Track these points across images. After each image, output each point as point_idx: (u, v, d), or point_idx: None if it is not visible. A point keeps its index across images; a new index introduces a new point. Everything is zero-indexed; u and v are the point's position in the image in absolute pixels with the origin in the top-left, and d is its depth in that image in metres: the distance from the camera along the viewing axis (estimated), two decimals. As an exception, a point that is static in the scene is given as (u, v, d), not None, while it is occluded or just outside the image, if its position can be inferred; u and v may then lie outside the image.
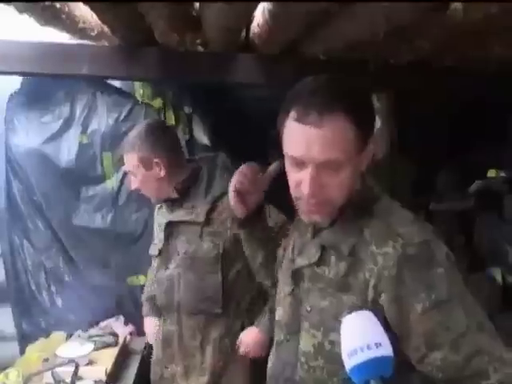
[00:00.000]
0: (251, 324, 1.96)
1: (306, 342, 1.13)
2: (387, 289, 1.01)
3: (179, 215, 1.96)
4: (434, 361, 0.99)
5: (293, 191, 1.10)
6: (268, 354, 1.33)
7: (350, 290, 1.06)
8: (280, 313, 1.26)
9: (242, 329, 1.97)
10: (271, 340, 1.34)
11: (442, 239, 1.06)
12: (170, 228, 1.98)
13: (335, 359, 1.05)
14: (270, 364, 1.30)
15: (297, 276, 1.20)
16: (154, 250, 2.10)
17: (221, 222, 1.91)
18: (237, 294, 1.95)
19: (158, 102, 3.13)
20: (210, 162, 2.04)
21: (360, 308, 1.03)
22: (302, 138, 1.03)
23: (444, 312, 0.98)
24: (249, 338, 1.93)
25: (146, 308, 2.26)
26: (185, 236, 1.96)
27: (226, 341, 1.96)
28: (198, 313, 1.95)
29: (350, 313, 1.02)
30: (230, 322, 1.96)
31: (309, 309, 1.13)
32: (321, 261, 1.13)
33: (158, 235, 2.07)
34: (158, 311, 2.13)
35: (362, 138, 1.06)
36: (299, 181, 1.06)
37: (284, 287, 1.26)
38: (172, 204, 2.00)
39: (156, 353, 2.10)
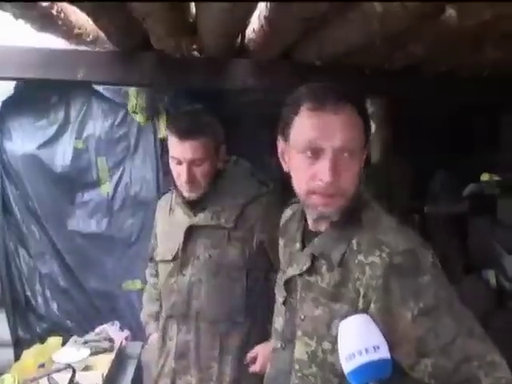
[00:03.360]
0: (269, 335, 1.88)
1: (300, 350, 1.14)
2: (376, 298, 1.02)
3: (204, 219, 1.84)
4: (425, 367, 0.99)
5: (306, 186, 1.08)
6: None
7: (342, 300, 1.07)
8: (278, 321, 1.26)
9: (261, 340, 1.85)
10: None
11: (428, 247, 1.07)
12: (190, 231, 1.86)
13: (328, 367, 1.07)
14: (267, 371, 1.31)
15: (289, 285, 1.20)
16: (163, 254, 1.95)
17: (247, 228, 1.84)
18: (256, 303, 1.86)
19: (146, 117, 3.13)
20: (232, 166, 1.95)
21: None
22: (319, 124, 1.05)
23: (433, 319, 0.98)
24: (266, 350, 1.76)
25: (152, 325, 2.09)
26: (208, 240, 1.84)
27: (246, 351, 1.86)
28: (219, 321, 1.85)
29: (347, 317, 1.03)
30: (250, 332, 1.87)
31: (302, 317, 1.14)
32: (312, 270, 1.13)
33: (169, 239, 1.93)
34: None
35: (365, 135, 1.10)
36: (315, 173, 1.06)
37: (279, 297, 1.27)
38: (192, 205, 1.87)
39: (166, 364, 1.94)
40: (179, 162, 1.78)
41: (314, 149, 1.05)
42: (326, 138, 1.04)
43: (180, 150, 1.76)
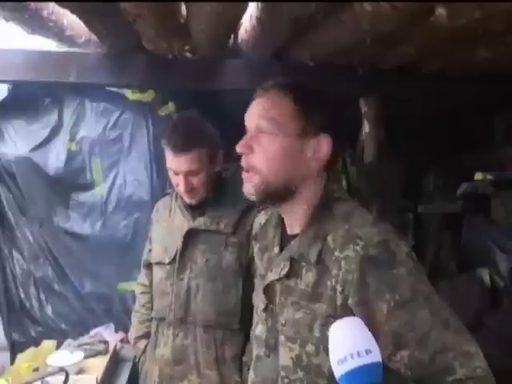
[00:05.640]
0: None
1: (284, 356, 1.13)
2: (352, 292, 1.01)
3: (203, 223, 1.86)
4: (402, 359, 1.00)
5: None
6: None
7: (321, 299, 1.06)
8: (258, 328, 1.25)
9: None
10: None
11: (404, 238, 1.08)
12: (189, 235, 1.87)
13: (314, 370, 1.07)
14: (250, 379, 1.29)
15: (269, 291, 1.19)
16: (160, 257, 1.95)
17: (244, 234, 1.84)
18: (252, 310, 1.87)
19: (150, 95, 3.10)
20: (233, 174, 1.92)
21: (333, 315, 1.03)
22: (249, 109, 1.17)
23: (409, 311, 0.99)
24: None
25: (143, 343, 2.09)
26: (206, 245, 1.86)
27: (243, 359, 1.86)
28: (215, 326, 1.85)
29: (324, 319, 1.04)
30: (246, 339, 1.83)
31: (283, 322, 1.13)
32: (291, 273, 1.12)
33: (167, 241, 1.94)
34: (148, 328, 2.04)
35: (303, 120, 1.11)
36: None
37: (259, 303, 1.25)
38: (192, 210, 1.90)
39: (162, 371, 1.92)
40: (176, 173, 1.81)
41: (245, 127, 1.16)
42: (247, 119, 1.15)
43: (175, 163, 1.79)
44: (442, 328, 0.99)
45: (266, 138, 1.11)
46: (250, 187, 1.15)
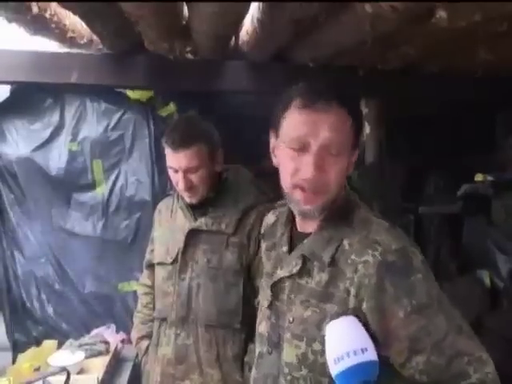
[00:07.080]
0: None
1: (288, 353, 1.14)
2: (369, 297, 1.03)
3: (205, 223, 1.87)
4: (417, 365, 1.01)
5: (289, 180, 1.10)
6: None
7: (332, 300, 1.07)
8: (262, 325, 1.26)
9: None
10: None
11: (416, 245, 1.09)
12: (190, 235, 1.89)
13: (318, 368, 1.08)
14: (252, 375, 1.31)
15: (276, 288, 1.20)
16: (162, 257, 1.96)
17: (246, 234, 1.86)
18: (254, 309, 1.78)
19: (150, 93, 3.11)
20: (234, 174, 1.97)
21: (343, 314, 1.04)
22: (308, 120, 1.07)
23: (425, 317, 1.00)
24: None
25: (146, 343, 2.09)
26: (208, 245, 1.87)
27: (245, 359, 1.87)
28: (216, 326, 1.86)
29: (334, 319, 1.04)
30: (248, 339, 1.85)
31: (291, 319, 1.14)
32: (302, 271, 1.13)
33: (169, 242, 1.95)
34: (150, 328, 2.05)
35: (355, 136, 1.11)
36: (298, 167, 1.08)
37: (263, 300, 1.27)
38: (194, 210, 1.92)
39: (164, 371, 1.93)
40: (175, 171, 1.81)
41: (301, 143, 1.07)
42: (314, 135, 1.06)
43: (175, 160, 1.79)
44: (456, 333, 1.01)
45: (336, 159, 1.07)
46: (312, 207, 1.10)
